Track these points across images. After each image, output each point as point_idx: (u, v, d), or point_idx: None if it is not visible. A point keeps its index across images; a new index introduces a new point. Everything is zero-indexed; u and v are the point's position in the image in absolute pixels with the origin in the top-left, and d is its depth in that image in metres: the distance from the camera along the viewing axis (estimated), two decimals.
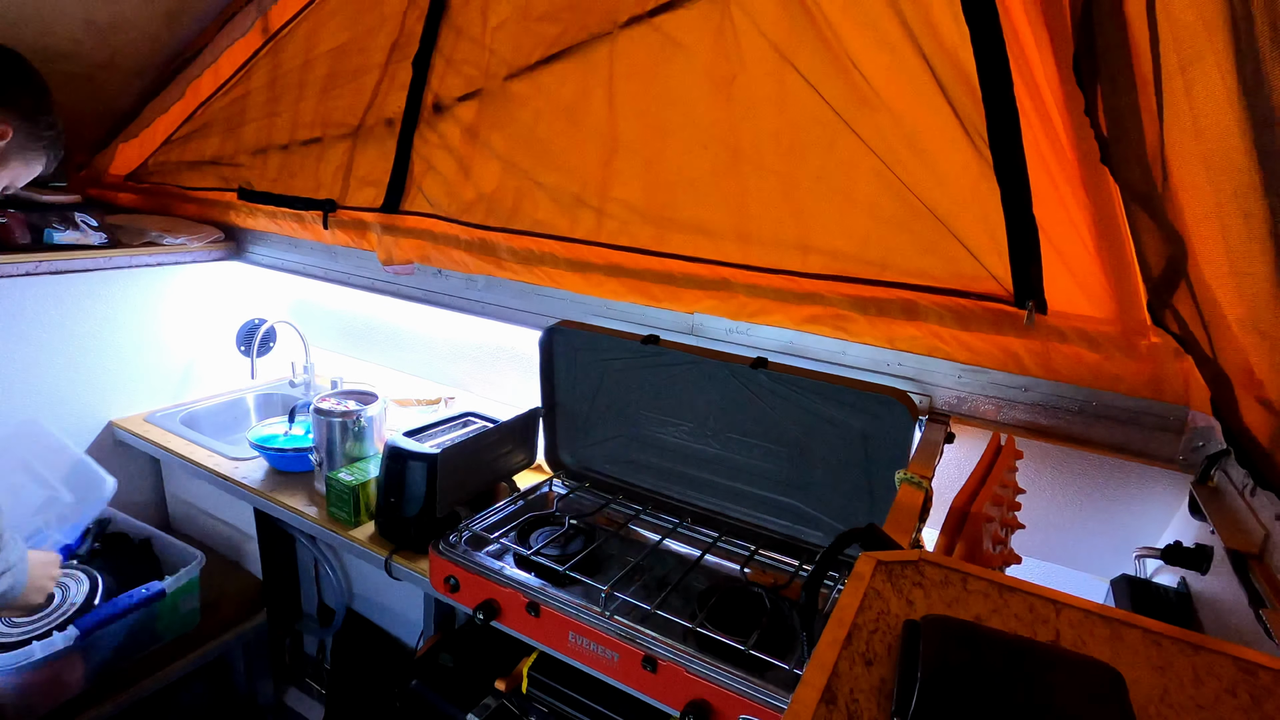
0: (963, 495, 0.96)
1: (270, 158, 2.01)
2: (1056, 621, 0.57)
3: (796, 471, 1.35)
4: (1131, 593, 1.00)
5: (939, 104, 1.12)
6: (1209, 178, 0.70)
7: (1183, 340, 0.98)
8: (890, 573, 0.63)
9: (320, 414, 1.62)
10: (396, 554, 1.43)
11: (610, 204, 1.48)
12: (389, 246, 1.82)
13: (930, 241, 1.19)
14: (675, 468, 1.50)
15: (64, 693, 1.46)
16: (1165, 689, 0.51)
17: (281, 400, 2.28)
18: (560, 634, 1.19)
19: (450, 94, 1.69)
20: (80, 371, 1.90)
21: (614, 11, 1.42)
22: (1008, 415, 1.26)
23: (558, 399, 1.60)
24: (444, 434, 1.57)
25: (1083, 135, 1.02)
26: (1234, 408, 0.86)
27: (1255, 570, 0.82)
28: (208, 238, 2.15)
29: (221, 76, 2.07)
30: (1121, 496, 1.24)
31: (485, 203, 1.64)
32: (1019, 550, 1.10)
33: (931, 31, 1.10)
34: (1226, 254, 0.72)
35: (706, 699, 1.05)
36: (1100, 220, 1.06)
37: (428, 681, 1.41)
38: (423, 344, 2.17)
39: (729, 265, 1.37)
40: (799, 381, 1.30)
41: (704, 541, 1.41)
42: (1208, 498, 1.03)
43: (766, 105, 1.28)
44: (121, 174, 2.34)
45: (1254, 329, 0.73)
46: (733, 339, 1.49)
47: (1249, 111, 0.62)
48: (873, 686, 0.50)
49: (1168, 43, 0.72)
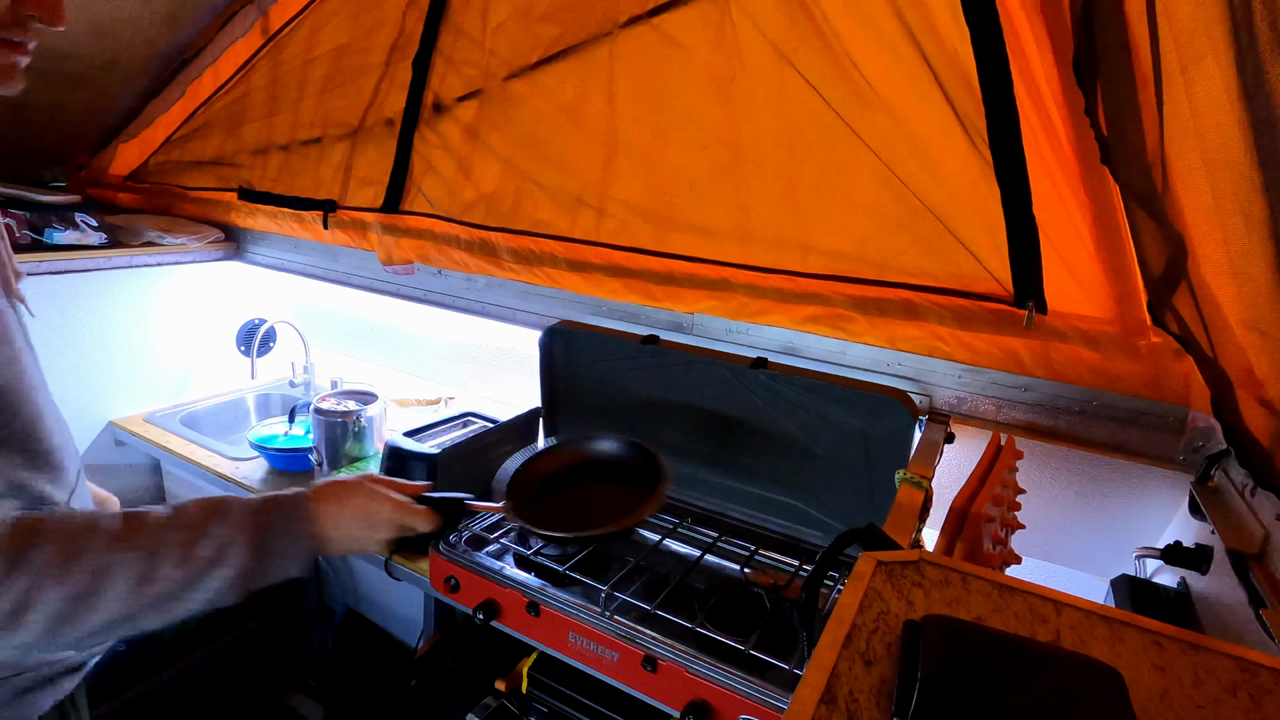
0: (963, 495, 0.96)
1: (270, 158, 2.01)
2: (1056, 621, 0.57)
3: (796, 471, 1.35)
4: (1131, 593, 1.00)
5: (939, 104, 1.12)
6: (1209, 178, 0.71)
7: (1183, 340, 0.98)
8: (890, 573, 0.63)
9: (320, 414, 1.62)
10: (396, 554, 1.43)
11: (610, 204, 1.48)
12: (389, 246, 1.82)
13: (930, 241, 1.19)
14: (675, 467, 1.49)
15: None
16: (1165, 689, 0.51)
17: (281, 400, 2.28)
18: (560, 634, 1.19)
19: (450, 94, 1.69)
20: (80, 371, 1.90)
21: (614, 11, 1.42)
22: (1008, 415, 1.26)
23: (558, 399, 1.60)
24: (444, 434, 1.57)
25: (1083, 135, 1.02)
26: (1234, 408, 0.86)
27: (1255, 570, 0.82)
28: (208, 238, 2.15)
29: (221, 76, 2.07)
30: (1121, 496, 1.24)
31: (485, 203, 1.64)
32: (1019, 550, 1.10)
33: (931, 31, 1.10)
34: (1226, 254, 0.72)
35: (706, 699, 1.05)
36: (1100, 220, 1.06)
37: (428, 681, 1.41)
38: (423, 344, 2.17)
39: (729, 265, 1.37)
40: (799, 381, 1.29)
41: (704, 541, 1.40)
42: (1208, 498, 1.03)
43: (766, 105, 1.28)
44: (121, 174, 2.34)
45: (1254, 329, 0.73)
46: (733, 339, 1.49)
47: (1249, 111, 0.62)
48: (873, 686, 0.50)
49: (1168, 43, 0.72)
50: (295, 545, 0.82)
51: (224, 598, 0.75)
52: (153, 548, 0.71)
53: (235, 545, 0.76)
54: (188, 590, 0.73)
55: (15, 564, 0.64)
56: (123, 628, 0.70)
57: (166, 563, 0.71)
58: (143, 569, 0.70)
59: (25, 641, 0.65)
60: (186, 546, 0.73)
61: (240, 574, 0.75)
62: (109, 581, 0.68)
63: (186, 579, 0.72)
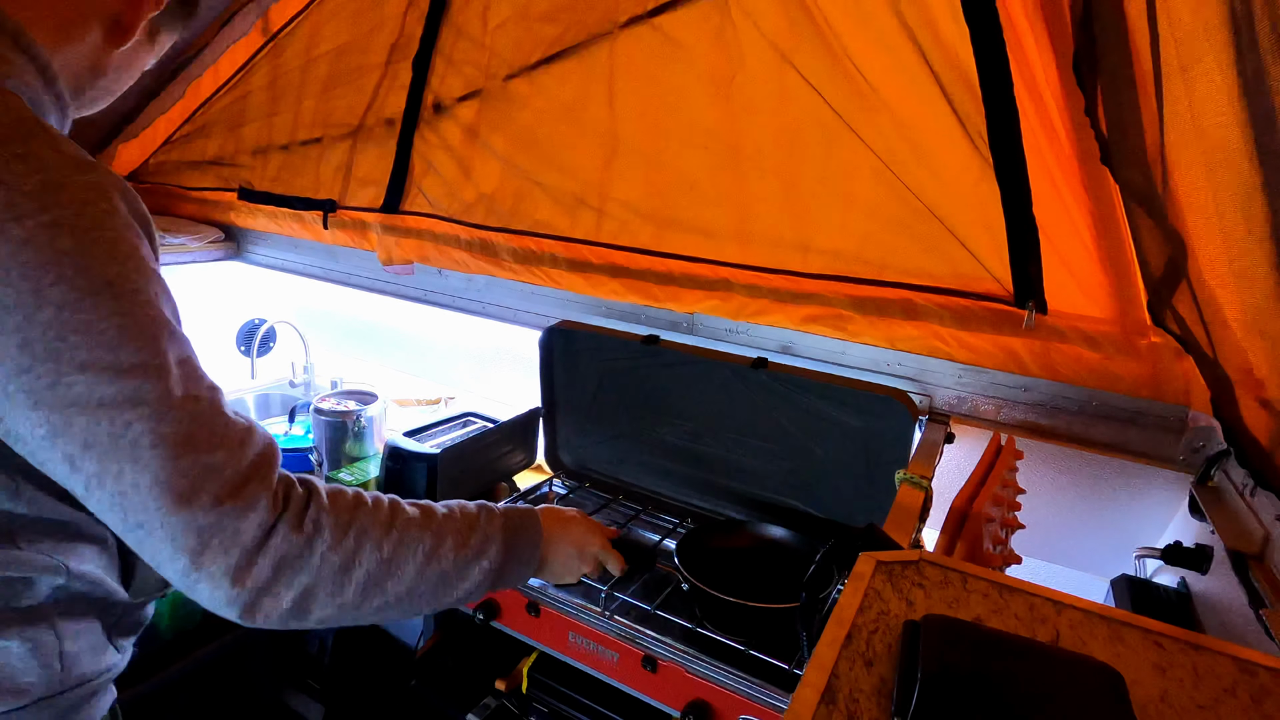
0: (963, 495, 0.96)
1: (270, 158, 2.01)
2: (1057, 621, 0.57)
3: (796, 471, 1.35)
4: (1131, 593, 1.00)
5: (939, 104, 1.12)
6: (1209, 178, 0.71)
7: (1183, 340, 0.98)
8: (890, 573, 0.63)
9: (320, 414, 1.62)
10: None
11: (610, 204, 1.48)
12: (389, 246, 1.82)
13: (930, 241, 1.19)
14: (675, 468, 1.50)
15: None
16: (1165, 689, 0.51)
17: (281, 400, 2.28)
18: (560, 634, 1.19)
19: (450, 94, 1.69)
20: None
21: (614, 11, 1.42)
22: (1008, 415, 1.26)
23: (558, 399, 1.60)
24: (444, 434, 1.57)
25: (1083, 135, 1.02)
26: (1234, 408, 0.86)
27: (1255, 570, 0.82)
28: (208, 238, 2.15)
29: (222, 76, 2.07)
30: (1121, 496, 1.24)
31: (485, 203, 1.64)
32: (1019, 550, 1.10)
33: (931, 31, 1.10)
34: (1227, 254, 0.72)
35: (706, 699, 1.05)
36: (1100, 220, 1.06)
37: (428, 681, 1.41)
38: (423, 344, 2.17)
39: (729, 265, 1.37)
40: (799, 381, 1.29)
41: None
42: (1208, 498, 1.03)
43: (766, 105, 1.28)
44: (122, 174, 2.34)
45: (1254, 329, 0.73)
46: (733, 339, 1.49)
47: (1249, 111, 0.62)
48: (873, 686, 0.50)
49: (1168, 43, 0.72)
50: (532, 556, 0.86)
51: (477, 592, 0.78)
52: (438, 529, 0.75)
53: (494, 543, 0.79)
54: (457, 577, 0.76)
55: (346, 525, 0.67)
56: (405, 606, 0.72)
57: (448, 544, 0.75)
58: (431, 545, 0.73)
59: (343, 602, 0.67)
60: (461, 534, 0.77)
61: (493, 570, 0.79)
62: (408, 553, 0.71)
63: (459, 564, 0.75)
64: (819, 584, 0.98)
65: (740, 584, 1.09)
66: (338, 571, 0.66)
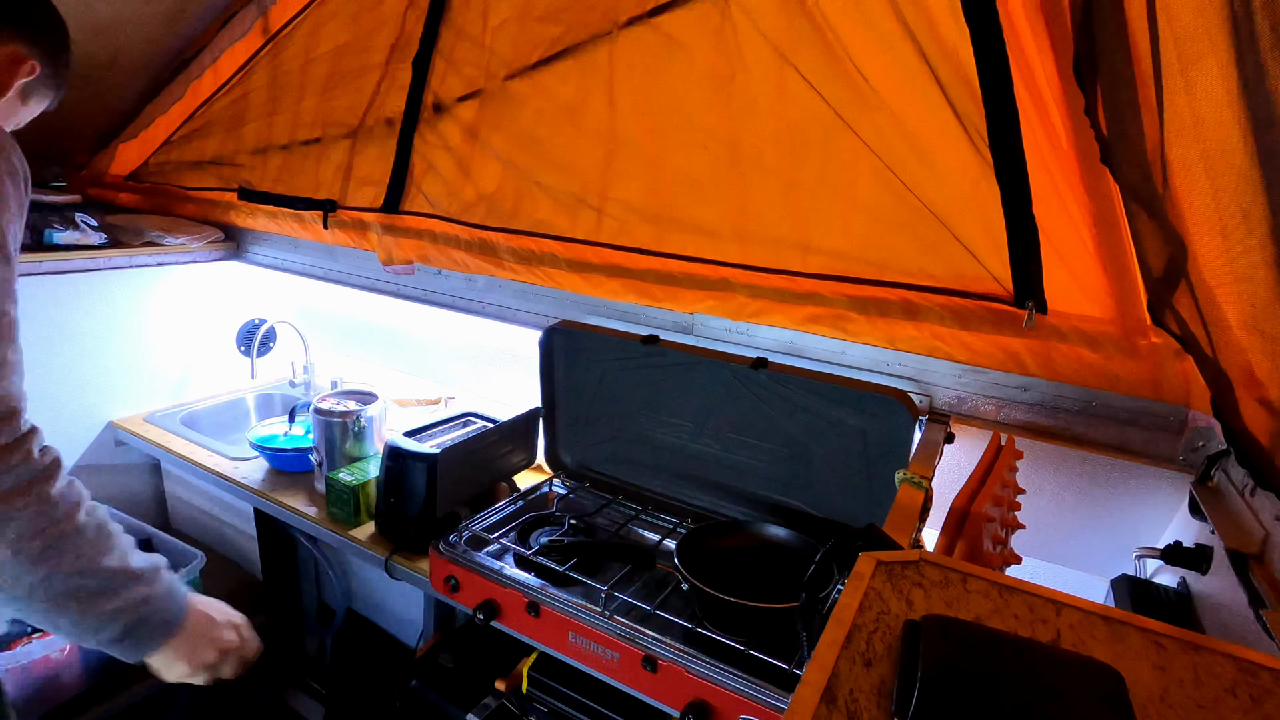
0: (963, 495, 0.96)
1: (270, 158, 2.01)
2: (1057, 621, 0.57)
3: (796, 472, 1.35)
4: (1131, 593, 1.00)
5: (939, 104, 1.12)
6: (1209, 178, 0.70)
7: (1183, 340, 0.98)
8: (890, 573, 0.63)
9: (320, 414, 1.62)
10: (396, 554, 1.43)
11: (610, 204, 1.48)
12: (389, 246, 1.82)
13: (930, 241, 1.19)
14: (675, 468, 1.50)
15: (63, 693, 1.46)
16: (1165, 689, 0.51)
17: (281, 400, 2.28)
18: (560, 634, 1.19)
19: (450, 94, 1.69)
20: (80, 371, 1.90)
21: (614, 11, 1.42)
22: (1008, 415, 1.26)
23: (558, 399, 1.60)
24: (444, 434, 1.57)
25: (1083, 135, 1.02)
26: (1234, 408, 0.86)
27: (1255, 570, 0.82)
28: (208, 238, 2.15)
29: (222, 76, 2.07)
30: (1121, 496, 1.24)
31: (485, 203, 1.64)
32: (1019, 550, 1.10)
33: (931, 31, 1.10)
34: (1226, 254, 0.72)
35: (706, 699, 1.05)
36: (1100, 220, 1.06)
37: (428, 681, 1.41)
38: (423, 344, 2.17)
39: (729, 265, 1.37)
40: (799, 381, 1.29)
41: None
42: (1208, 498, 1.03)
43: (766, 105, 1.28)
44: (121, 174, 2.34)
45: (1254, 329, 0.73)
46: (733, 339, 1.49)
47: (1249, 111, 0.62)
48: (873, 686, 0.50)
49: (1168, 43, 0.72)
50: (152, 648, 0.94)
51: (112, 644, 0.86)
52: (105, 553, 0.83)
53: (139, 609, 0.87)
54: (94, 606, 0.82)
55: (53, 519, 0.79)
56: (39, 605, 0.80)
57: (103, 573, 0.83)
58: (89, 556, 0.82)
59: None
60: (117, 577, 0.84)
61: (116, 638, 0.86)
62: (68, 550, 0.80)
63: (100, 593, 0.83)
64: (819, 584, 0.98)
65: (740, 584, 1.09)
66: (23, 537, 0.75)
